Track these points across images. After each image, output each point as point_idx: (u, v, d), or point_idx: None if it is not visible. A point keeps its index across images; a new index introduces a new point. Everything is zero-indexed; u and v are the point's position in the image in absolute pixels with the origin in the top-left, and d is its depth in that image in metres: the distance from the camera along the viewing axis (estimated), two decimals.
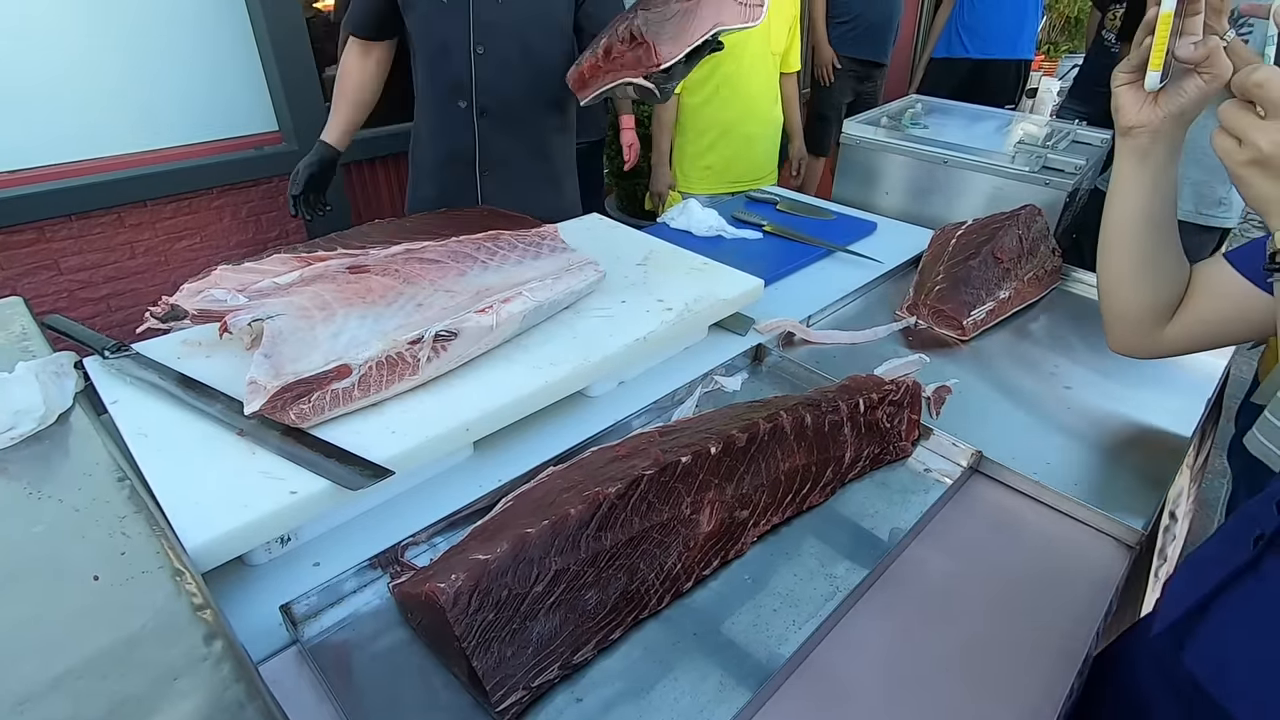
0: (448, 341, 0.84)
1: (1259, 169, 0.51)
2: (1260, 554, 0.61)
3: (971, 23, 3.25)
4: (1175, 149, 0.67)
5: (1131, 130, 0.68)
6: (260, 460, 0.73)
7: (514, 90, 1.45)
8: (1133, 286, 0.74)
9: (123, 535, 0.57)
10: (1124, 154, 0.70)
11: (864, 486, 0.87)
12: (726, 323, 1.16)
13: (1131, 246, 0.72)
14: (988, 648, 0.69)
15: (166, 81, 2.05)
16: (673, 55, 1.00)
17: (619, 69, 1.06)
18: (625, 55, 1.05)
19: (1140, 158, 0.68)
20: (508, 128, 1.48)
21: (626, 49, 1.03)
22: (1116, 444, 0.96)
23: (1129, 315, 0.76)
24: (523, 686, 0.59)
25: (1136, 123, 0.67)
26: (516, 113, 1.47)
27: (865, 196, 1.83)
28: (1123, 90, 0.67)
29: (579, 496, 0.66)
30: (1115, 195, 0.71)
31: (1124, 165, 0.70)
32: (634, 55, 1.03)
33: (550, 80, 1.46)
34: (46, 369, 0.74)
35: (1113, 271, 0.75)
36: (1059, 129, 1.78)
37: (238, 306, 0.82)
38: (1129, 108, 0.67)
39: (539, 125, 1.52)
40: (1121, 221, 0.71)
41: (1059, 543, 0.82)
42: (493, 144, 1.48)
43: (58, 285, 1.99)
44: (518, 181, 1.54)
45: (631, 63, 1.05)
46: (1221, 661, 0.62)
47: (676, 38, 1.00)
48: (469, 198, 1.53)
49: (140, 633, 0.48)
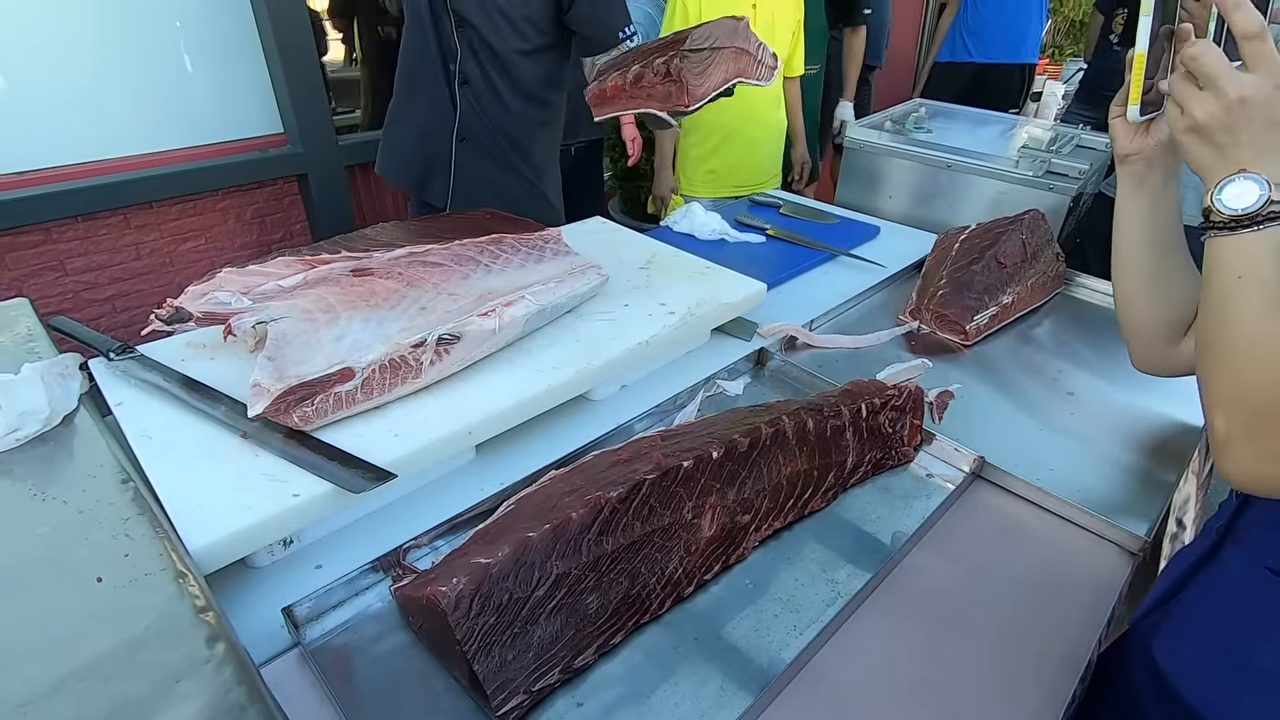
0: (451, 345, 0.84)
1: (1196, 135, 0.56)
2: (1219, 542, 0.63)
3: (975, 27, 3.25)
4: (1171, 173, 0.71)
5: (1127, 158, 0.71)
6: (263, 463, 0.73)
7: (488, 74, 1.51)
8: (1144, 303, 0.77)
9: (126, 537, 0.57)
10: (1122, 179, 0.73)
11: (866, 491, 0.87)
12: (729, 327, 1.16)
13: (1139, 265, 0.75)
14: (989, 653, 0.69)
15: (172, 84, 2.06)
16: (700, 100, 1.05)
17: (645, 99, 1.10)
18: (656, 88, 1.09)
19: (1137, 183, 0.72)
20: (483, 107, 1.54)
21: (659, 83, 1.07)
22: (1120, 450, 0.96)
23: (1144, 331, 0.79)
24: (523, 690, 0.59)
25: (1129, 151, 0.71)
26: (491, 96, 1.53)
27: (868, 201, 1.82)
28: (1116, 121, 0.71)
29: (581, 500, 0.66)
30: (1118, 219, 0.75)
31: (1123, 190, 0.74)
32: (665, 90, 1.07)
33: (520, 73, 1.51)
34: (51, 370, 0.74)
35: (1124, 290, 0.79)
36: (1063, 133, 1.77)
37: (242, 309, 0.82)
38: (1122, 138, 0.71)
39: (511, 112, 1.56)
40: (1127, 242, 0.75)
41: (1061, 549, 0.82)
42: (470, 113, 1.54)
43: (63, 286, 2.00)
44: (491, 154, 1.59)
45: (661, 96, 1.10)
46: (1179, 645, 0.64)
47: (704, 83, 1.04)
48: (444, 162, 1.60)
49: (143, 635, 0.48)
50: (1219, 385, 0.56)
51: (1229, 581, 0.63)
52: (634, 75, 1.08)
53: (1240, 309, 0.54)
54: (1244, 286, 0.53)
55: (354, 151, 2.39)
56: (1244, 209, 0.53)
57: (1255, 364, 0.52)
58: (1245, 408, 0.54)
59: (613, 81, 1.10)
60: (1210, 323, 0.57)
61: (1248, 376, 0.53)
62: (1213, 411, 0.57)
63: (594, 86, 1.14)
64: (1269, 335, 0.52)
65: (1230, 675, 0.60)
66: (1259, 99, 0.53)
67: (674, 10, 1.97)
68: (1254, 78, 0.53)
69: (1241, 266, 0.54)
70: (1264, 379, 0.52)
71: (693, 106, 1.06)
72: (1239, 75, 0.53)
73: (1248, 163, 0.54)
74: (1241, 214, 0.53)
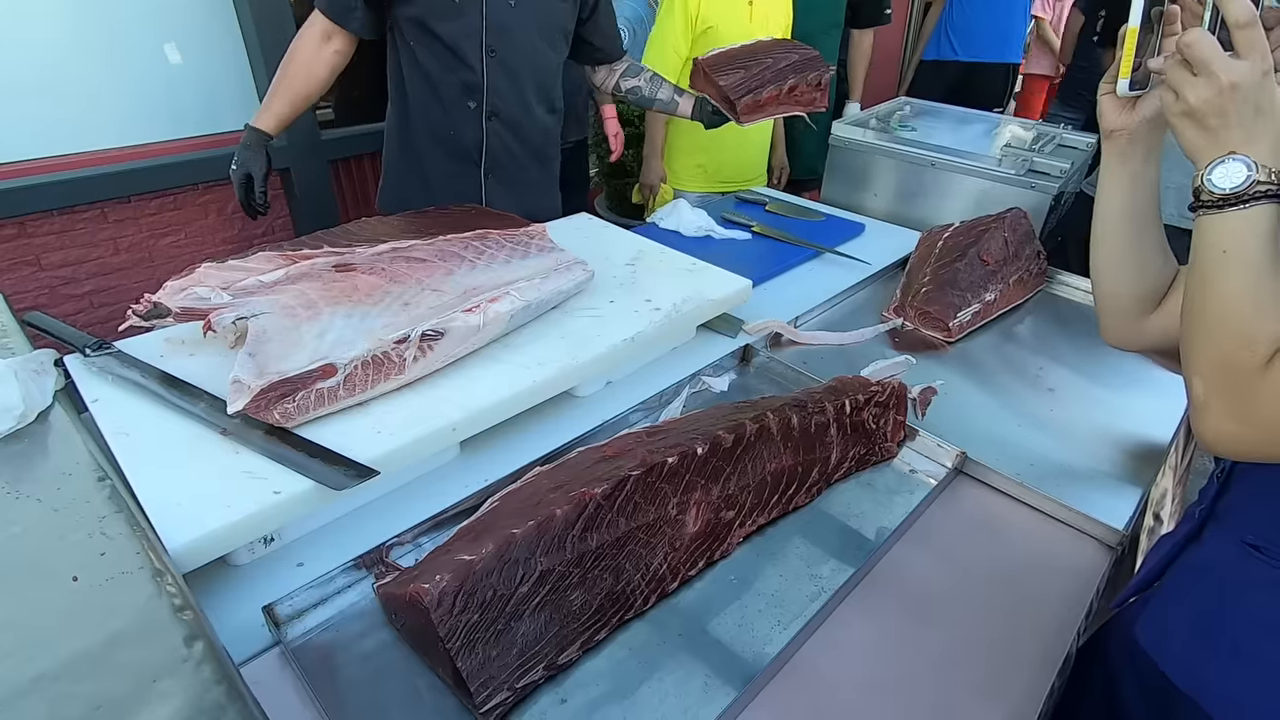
0: (434, 341, 0.83)
1: (1189, 119, 0.59)
2: (1202, 523, 0.66)
3: (960, 26, 3.26)
4: (1152, 150, 0.75)
5: (1112, 133, 0.75)
6: (244, 460, 0.72)
7: (522, 94, 1.44)
8: (1119, 274, 0.81)
9: (103, 535, 0.56)
10: (1107, 154, 0.77)
11: (850, 487, 0.87)
12: (715, 323, 1.16)
13: (1116, 237, 0.79)
14: (971, 647, 0.70)
15: (151, 76, 2.03)
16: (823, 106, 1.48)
17: (793, 104, 1.46)
18: (804, 95, 1.45)
19: (1120, 159, 0.75)
20: (514, 131, 1.47)
21: (808, 90, 1.45)
22: (1099, 445, 0.97)
23: (1117, 305, 0.82)
24: (507, 687, 0.59)
25: (1116, 126, 0.74)
26: (522, 116, 1.47)
27: (853, 198, 1.83)
28: (1105, 98, 0.74)
29: (565, 497, 0.66)
30: (1100, 191, 0.79)
31: (1107, 164, 0.77)
32: (810, 98, 1.46)
33: (550, 84, 1.47)
34: (26, 367, 0.73)
35: (1101, 261, 0.82)
36: (1045, 133, 1.79)
37: (222, 304, 0.81)
38: (1109, 113, 0.74)
39: (541, 129, 1.52)
40: (1106, 214, 0.79)
41: (1041, 543, 0.83)
42: (499, 146, 1.47)
43: (39, 281, 1.96)
44: (520, 184, 1.53)
45: (807, 102, 1.47)
46: (1164, 628, 0.66)
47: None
48: (473, 199, 1.50)
49: (120, 634, 0.48)
50: (1200, 352, 0.59)
51: (1209, 559, 0.66)
52: (789, 87, 1.42)
53: (1222, 281, 0.57)
54: (1227, 261, 0.57)
55: (337, 146, 2.36)
56: (1231, 188, 0.56)
57: (1232, 333, 0.56)
58: (1221, 372, 0.57)
59: (769, 94, 1.40)
60: (1194, 294, 0.60)
61: (1225, 344, 0.57)
62: (1192, 377, 0.60)
63: (748, 98, 1.39)
64: (1246, 306, 0.56)
65: (1208, 648, 0.63)
66: (1248, 84, 0.55)
67: (672, 5, 1.96)
68: (1244, 64, 0.55)
69: (1226, 242, 0.57)
70: (1238, 346, 0.56)
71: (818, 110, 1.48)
72: (1231, 62, 0.56)
73: (1236, 145, 0.57)
74: (1229, 193, 0.56)
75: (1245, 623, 0.61)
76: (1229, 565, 0.63)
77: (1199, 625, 0.64)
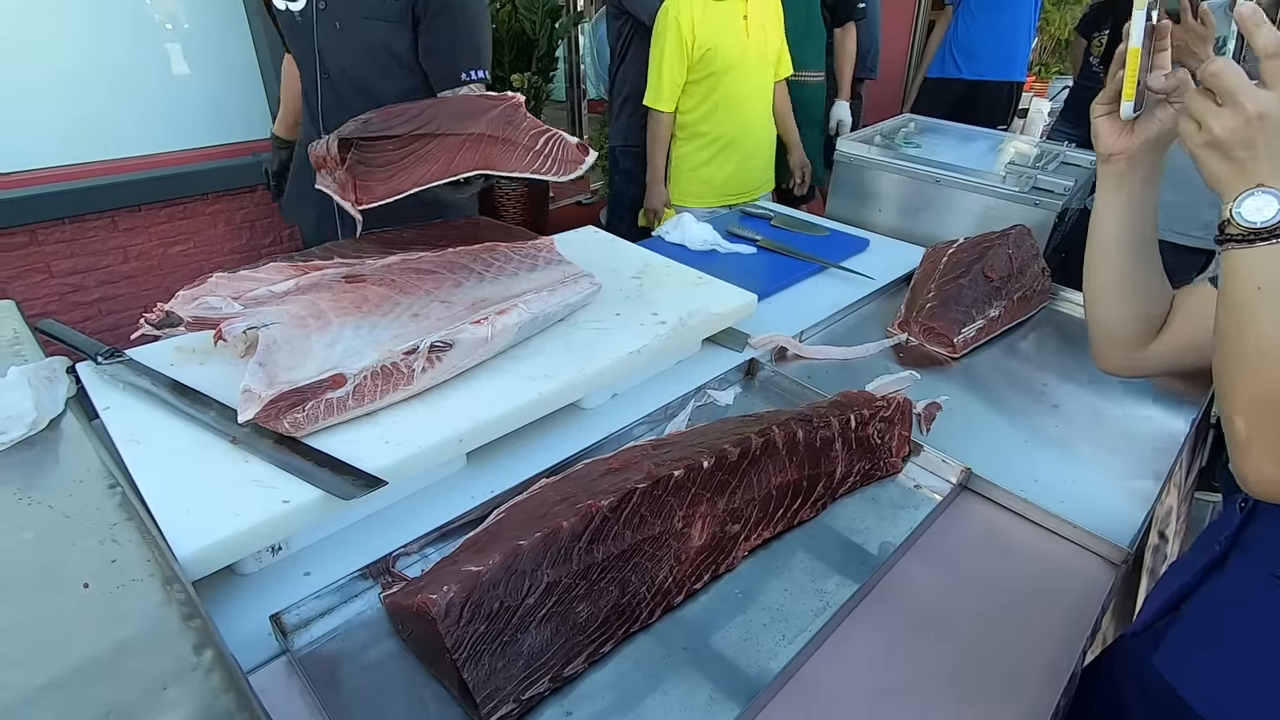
0: (442, 352, 0.84)
1: (1213, 150, 0.57)
2: (1225, 552, 0.64)
3: (965, 44, 3.29)
4: (1152, 174, 0.72)
5: (1110, 157, 0.72)
6: (253, 469, 0.73)
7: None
8: (1115, 304, 0.78)
9: (113, 543, 0.56)
10: (1103, 179, 0.74)
11: (854, 502, 0.87)
12: (720, 337, 1.17)
13: (1112, 265, 0.76)
14: (975, 664, 0.70)
15: (163, 87, 2.05)
16: (381, 199, 0.95)
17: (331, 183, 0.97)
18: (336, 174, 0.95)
19: (1118, 182, 0.73)
20: None
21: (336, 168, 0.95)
22: (1104, 462, 0.97)
23: (1113, 332, 0.80)
24: (513, 699, 0.59)
25: (1114, 150, 0.71)
26: None
27: (858, 214, 1.84)
28: (1101, 120, 0.71)
29: (571, 509, 0.66)
30: (1096, 217, 0.76)
31: (1104, 189, 0.74)
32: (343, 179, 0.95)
33: None
34: (38, 374, 0.74)
35: (1096, 289, 0.79)
36: (1049, 150, 1.80)
37: (233, 314, 0.82)
38: (1106, 136, 0.71)
39: None
40: (1102, 242, 0.76)
41: (1046, 560, 0.82)
42: None
43: (49, 289, 1.98)
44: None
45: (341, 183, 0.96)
46: (1187, 658, 0.64)
47: (395, 180, 0.95)
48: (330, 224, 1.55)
49: (130, 641, 0.48)
50: (1239, 389, 0.57)
51: (1238, 592, 0.64)
52: (317, 159, 0.97)
53: (1260, 317, 0.55)
54: (1263, 297, 0.55)
55: None
56: (1263, 222, 0.55)
57: (1276, 369, 0.54)
58: (1265, 410, 0.55)
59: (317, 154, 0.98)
60: (1229, 330, 0.58)
61: (1268, 381, 0.54)
62: (1232, 415, 0.57)
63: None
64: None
65: (1243, 686, 0.61)
66: (1277, 115, 0.54)
67: (665, 27, 1.97)
68: (1273, 95, 0.54)
69: (1261, 277, 0.55)
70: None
71: (368, 205, 0.93)
72: (1258, 92, 0.54)
73: (1265, 177, 0.55)
74: (1260, 227, 0.55)
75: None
76: (1261, 599, 0.61)
77: (1228, 660, 0.62)
